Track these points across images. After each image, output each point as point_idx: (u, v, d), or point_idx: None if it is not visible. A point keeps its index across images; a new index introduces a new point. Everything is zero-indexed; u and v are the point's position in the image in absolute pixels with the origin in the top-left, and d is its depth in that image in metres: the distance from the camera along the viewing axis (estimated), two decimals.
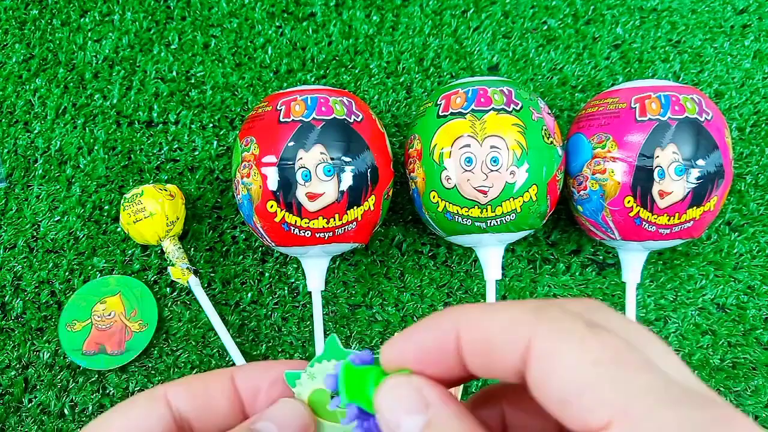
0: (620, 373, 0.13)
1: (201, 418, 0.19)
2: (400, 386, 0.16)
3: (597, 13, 0.51)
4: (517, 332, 0.14)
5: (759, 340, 0.44)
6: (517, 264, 0.46)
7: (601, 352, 0.13)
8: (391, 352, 0.17)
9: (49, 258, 0.46)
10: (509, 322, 0.15)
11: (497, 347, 0.15)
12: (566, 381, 0.13)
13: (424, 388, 0.16)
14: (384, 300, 0.45)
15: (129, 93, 0.49)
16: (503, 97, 0.38)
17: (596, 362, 0.13)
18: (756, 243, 0.46)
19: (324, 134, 0.37)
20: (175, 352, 0.44)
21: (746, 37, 0.51)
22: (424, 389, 0.16)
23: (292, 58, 0.50)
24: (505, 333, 0.15)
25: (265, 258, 0.46)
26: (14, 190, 0.47)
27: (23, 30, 0.51)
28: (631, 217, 0.38)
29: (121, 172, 0.48)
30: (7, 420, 0.42)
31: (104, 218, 0.47)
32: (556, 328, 0.14)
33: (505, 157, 0.37)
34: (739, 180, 0.47)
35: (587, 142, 0.40)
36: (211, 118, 0.49)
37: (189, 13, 0.51)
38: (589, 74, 0.50)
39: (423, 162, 0.39)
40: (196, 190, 0.47)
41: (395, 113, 0.49)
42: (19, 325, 0.44)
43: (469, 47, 0.50)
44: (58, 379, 0.43)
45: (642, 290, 0.45)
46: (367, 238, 0.41)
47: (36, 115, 0.49)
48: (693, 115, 0.37)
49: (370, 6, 0.51)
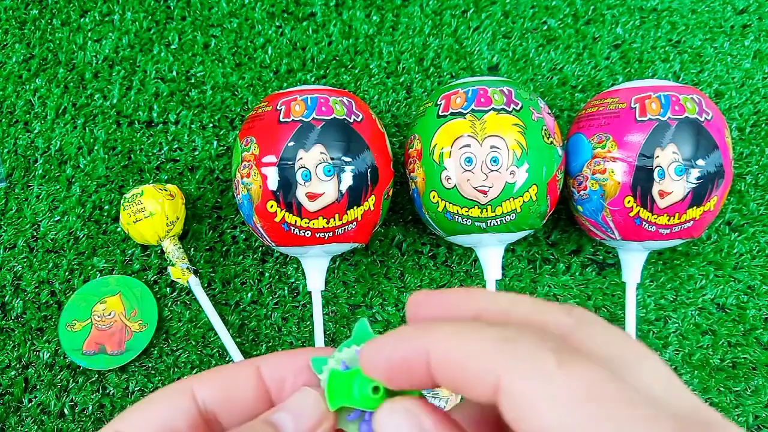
0: (599, 410, 0.12)
1: (227, 410, 0.19)
2: (397, 412, 0.16)
3: (597, 13, 0.51)
4: (485, 367, 0.14)
5: (759, 340, 0.44)
6: (517, 264, 0.46)
7: (572, 390, 0.13)
8: (366, 360, 0.17)
9: (49, 258, 0.46)
10: (478, 353, 0.14)
11: (467, 376, 0.14)
12: (538, 424, 0.13)
13: (421, 415, 0.16)
14: (384, 300, 0.45)
15: (129, 93, 0.49)
16: (503, 97, 0.38)
17: (569, 403, 0.12)
18: (756, 243, 0.46)
19: (324, 134, 0.37)
20: (175, 352, 0.44)
21: (746, 37, 0.51)
22: (421, 416, 0.16)
23: (292, 58, 0.50)
24: (474, 364, 0.14)
25: (265, 258, 0.46)
26: (14, 190, 0.47)
27: (23, 30, 0.51)
28: (631, 217, 0.38)
29: (121, 172, 0.48)
30: (7, 420, 0.42)
31: (104, 218, 0.47)
32: (525, 368, 0.13)
33: (505, 157, 0.37)
34: (739, 180, 0.47)
35: (587, 142, 0.40)
36: (211, 118, 0.49)
37: (189, 13, 0.51)
38: (589, 74, 0.50)
39: (423, 162, 0.39)
40: (196, 190, 0.47)
41: (395, 113, 0.49)
42: (19, 325, 0.44)
43: (469, 47, 0.50)
44: (58, 379, 0.43)
45: (642, 290, 0.45)
46: (367, 238, 0.41)
47: (36, 115, 0.49)
48: (693, 115, 0.37)
49: (370, 6, 0.51)
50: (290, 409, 0.18)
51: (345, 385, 0.18)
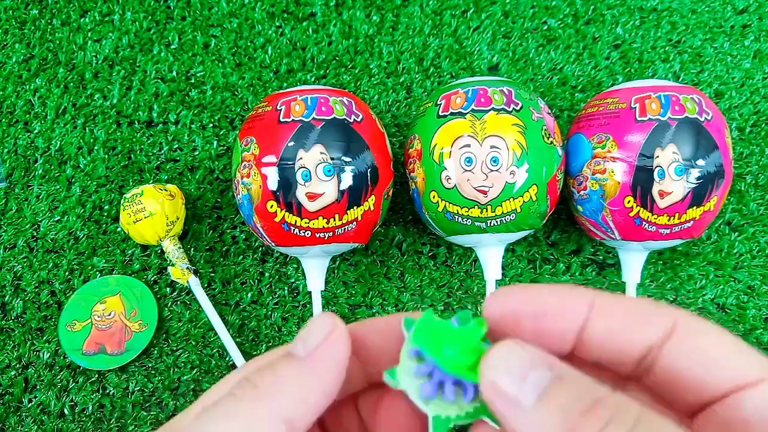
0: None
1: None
2: (520, 348, 0.16)
3: (597, 13, 0.51)
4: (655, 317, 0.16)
5: (759, 340, 0.44)
6: (517, 264, 0.46)
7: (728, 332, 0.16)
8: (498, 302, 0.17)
9: (49, 258, 0.46)
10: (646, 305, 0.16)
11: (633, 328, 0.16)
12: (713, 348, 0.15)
13: (544, 353, 0.16)
14: (384, 300, 0.45)
15: (129, 93, 0.49)
16: (503, 97, 0.38)
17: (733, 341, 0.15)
18: (756, 243, 0.46)
19: (324, 134, 0.37)
20: (175, 352, 0.44)
21: (746, 37, 0.51)
22: (544, 353, 0.16)
23: (292, 58, 0.50)
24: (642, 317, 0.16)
25: (265, 258, 0.46)
26: (14, 190, 0.47)
27: (23, 30, 0.51)
28: (631, 217, 0.38)
29: (121, 172, 0.48)
30: (7, 420, 0.42)
31: (104, 218, 0.47)
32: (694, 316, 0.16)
33: (505, 157, 0.37)
34: (739, 180, 0.47)
35: (587, 142, 0.40)
36: (211, 118, 0.49)
37: (189, 13, 0.51)
38: (589, 74, 0.50)
39: (423, 162, 0.39)
40: (196, 190, 0.47)
41: (395, 113, 0.49)
42: (19, 325, 0.44)
43: (469, 47, 0.50)
44: (58, 379, 0.43)
45: (642, 290, 0.45)
46: (367, 238, 0.41)
47: (36, 115, 0.49)
48: (693, 115, 0.37)
49: (370, 6, 0.51)
50: (301, 334, 0.18)
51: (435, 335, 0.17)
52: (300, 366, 0.17)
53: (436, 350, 0.17)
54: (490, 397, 0.16)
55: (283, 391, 0.16)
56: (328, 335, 0.17)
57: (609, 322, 0.16)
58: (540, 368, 0.15)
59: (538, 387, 0.15)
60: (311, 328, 0.17)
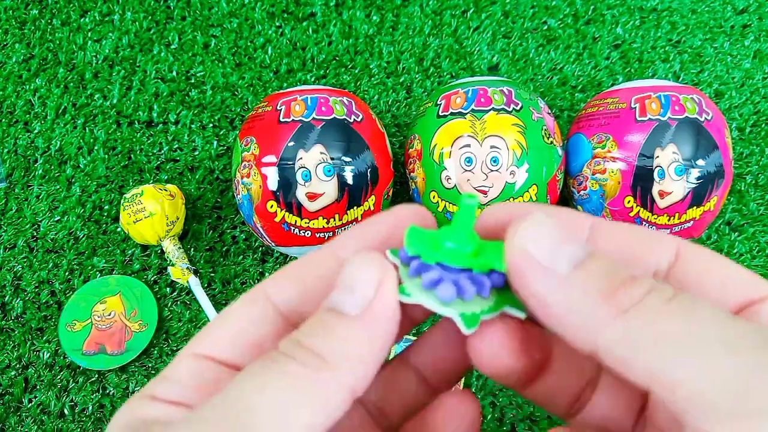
0: None
1: (313, 306, 0.16)
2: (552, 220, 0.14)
3: (597, 13, 0.51)
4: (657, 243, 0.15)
5: None
6: None
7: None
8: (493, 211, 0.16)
9: (49, 258, 0.46)
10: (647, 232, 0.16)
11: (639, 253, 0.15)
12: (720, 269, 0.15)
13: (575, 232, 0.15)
14: None
15: (129, 93, 0.49)
16: (503, 97, 0.38)
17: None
18: (756, 243, 0.46)
19: (324, 134, 0.37)
20: (175, 352, 0.44)
21: (746, 37, 0.51)
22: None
23: (292, 58, 0.50)
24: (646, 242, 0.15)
25: (265, 258, 0.46)
26: (14, 190, 0.47)
27: (23, 30, 0.51)
28: (631, 217, 0.38)
29: (121, 172, 0.48)
30: (7, 420, 0.42)
31: (104, 218, 0.47)
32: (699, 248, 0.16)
33: (505, 157, 0.37)
34: (739, 180, 0.47)
35: (587, 142, 0.40)
36: (211, 118, 0.49)
37: (189, 13, 0.51)
38: (589, 74, 0.50)
39: (423, 162, 0.39)
40: (196, 190, 0.47)
41: (395, 113, 0.49)
42: (19, 325, 0.44)
43: (469, 47, 0.50)
44: (58, 379, 0.43)
45: None
46: None
47: (36, 115, 0.49)
48: (693, 115, 0.37)
49: (370, 6, 0.51)
50: (345, 285, 0.15)
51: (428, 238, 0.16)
52: (358, 328, 0.14)
53: (436, 248, 0.16)
54: (518, 267, 0.14)
55: (350, 360, 0.14)
56: (380, 286, 0.15)
57: (612, 247, 0.15)
58: (574, 243, 0.14)
59: (573, 258, 0.14)
60: (357, 275, 0.15)
